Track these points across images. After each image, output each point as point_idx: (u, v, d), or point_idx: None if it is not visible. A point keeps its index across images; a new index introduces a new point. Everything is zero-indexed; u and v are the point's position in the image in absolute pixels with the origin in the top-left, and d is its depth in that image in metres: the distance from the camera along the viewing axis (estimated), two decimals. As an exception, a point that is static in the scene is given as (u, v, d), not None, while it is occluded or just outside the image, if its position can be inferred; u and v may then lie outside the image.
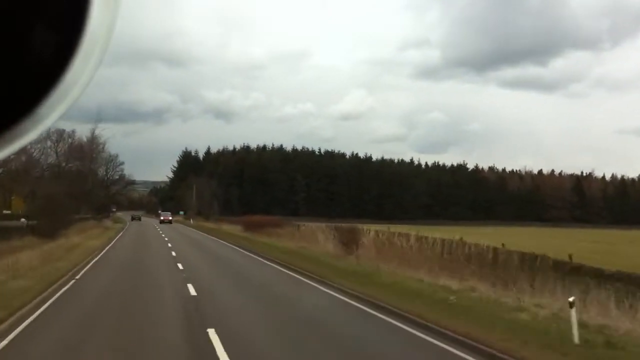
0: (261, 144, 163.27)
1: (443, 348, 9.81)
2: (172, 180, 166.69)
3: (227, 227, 59.17)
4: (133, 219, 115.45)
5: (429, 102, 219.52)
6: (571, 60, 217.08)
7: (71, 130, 76.49)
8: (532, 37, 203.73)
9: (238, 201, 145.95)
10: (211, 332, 10.11)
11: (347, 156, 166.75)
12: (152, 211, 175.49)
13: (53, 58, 0.65)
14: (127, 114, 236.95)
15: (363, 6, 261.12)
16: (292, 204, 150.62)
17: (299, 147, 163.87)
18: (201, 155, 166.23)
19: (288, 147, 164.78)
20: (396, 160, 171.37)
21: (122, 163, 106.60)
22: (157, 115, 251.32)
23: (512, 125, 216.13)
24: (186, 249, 33.39)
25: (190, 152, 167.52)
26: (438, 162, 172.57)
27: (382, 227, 37.38)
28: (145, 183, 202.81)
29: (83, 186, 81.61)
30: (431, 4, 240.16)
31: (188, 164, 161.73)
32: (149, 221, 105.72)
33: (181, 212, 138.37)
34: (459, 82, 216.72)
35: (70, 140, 76.55)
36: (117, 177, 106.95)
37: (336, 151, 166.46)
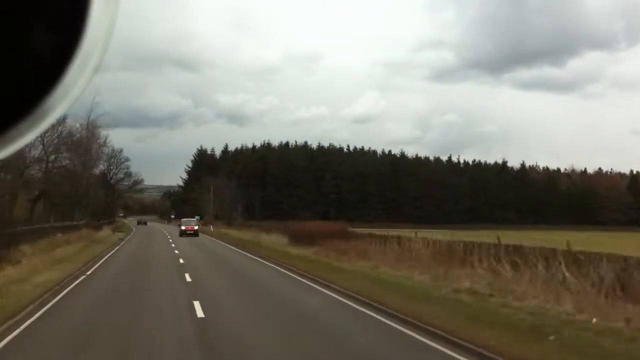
0: (284, 141, 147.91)
1: None
2: (186, 181, 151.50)
3: (266, 239, 43.16)
4: (139, 223, 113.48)
5: (443, 104, 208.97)
6: (587, 61, 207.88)
7: (62, 116, 61.08)
8: (547, 37, 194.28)
9: (260, 204, 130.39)
10: None
11: (379, 154, 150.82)
12: (165, 215, 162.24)
13: (53, 58, 0.65)
14: (140, 119, 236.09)
15: (376, 7, 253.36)
16: (321, 207, 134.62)
17: (325, 144, 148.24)
18: (218, 153, 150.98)
19: (312, 144, 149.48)
20: (432, 158, 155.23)
21: (128, 159, 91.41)
22: (171, 120, 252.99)
23: (527, 126, 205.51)
24: (224, 290, 17.39)
25: (205, 151, 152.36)
26: (479, 161, 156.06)
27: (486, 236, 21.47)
28: (158, 188, 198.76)
29: (76, 186, 66.27)
30: (446, 5, 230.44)
31: (203, 163, 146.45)
32: (159, 228, 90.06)
33: (197, 217, 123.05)
34: (474, 83, 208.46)
35: (60, 129, 61.01)
36: (121, 175, 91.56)
37: (366, 148, 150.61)
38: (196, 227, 67.34)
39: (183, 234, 63.97)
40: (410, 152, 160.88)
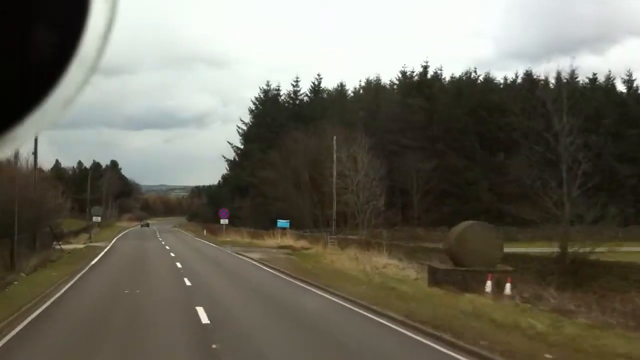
0: (439, 67, 72.31)
1: None
2: (239, 152, 77.93)
3: None
4: (142, 226, 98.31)
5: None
6: (629, 48, 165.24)
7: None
8: (588, 24, 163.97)
9: (420, 185, 55.45)
10: None
11: None
12: (201, 217, 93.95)
13: (52, 58, 0.65)
14: (168, 120, 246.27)
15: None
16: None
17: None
18: (303, 92, 76.25)
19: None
20: None
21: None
22: (198, 120, 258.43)
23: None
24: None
25: (277, 91, 77.65)
26: None
27: None
28: (185, 188, 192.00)
29: None
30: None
31: (274, 113, 73.19)
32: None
33: (283, 223, 50.23)
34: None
35: None
36: None
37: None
38: None
39: None
40: None
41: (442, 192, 55.63)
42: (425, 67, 63.54)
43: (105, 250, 36.63)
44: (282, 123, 68.07)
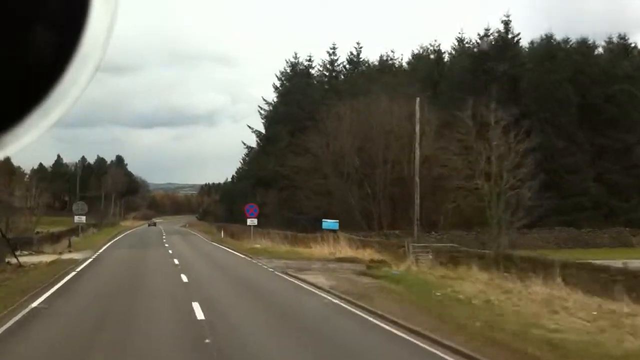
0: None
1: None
2: (261, 137, 65.00)
3: None
4: (149, 225, 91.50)
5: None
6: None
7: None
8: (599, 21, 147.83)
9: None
10: None
11: None
12: (213, 216, 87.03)
13: (52, 58, 0.65)
14: (178, 117, 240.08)
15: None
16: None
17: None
18: (341, 61, 62.61)
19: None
20: None
21: None
22: (208, 117, 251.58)
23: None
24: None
25: (309, 62, 64.27)
26: None
27: None
28: (193, 186, 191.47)
29: None
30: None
31: (306, 88, 60.36)
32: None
33: (331, 224, 37.30)
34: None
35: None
36: None
37: None
38: None
39: None
40: None
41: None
42: (507, 24, 49.92)
43: (79, 269, 23.67)
44: (316, 99, 55.27)
